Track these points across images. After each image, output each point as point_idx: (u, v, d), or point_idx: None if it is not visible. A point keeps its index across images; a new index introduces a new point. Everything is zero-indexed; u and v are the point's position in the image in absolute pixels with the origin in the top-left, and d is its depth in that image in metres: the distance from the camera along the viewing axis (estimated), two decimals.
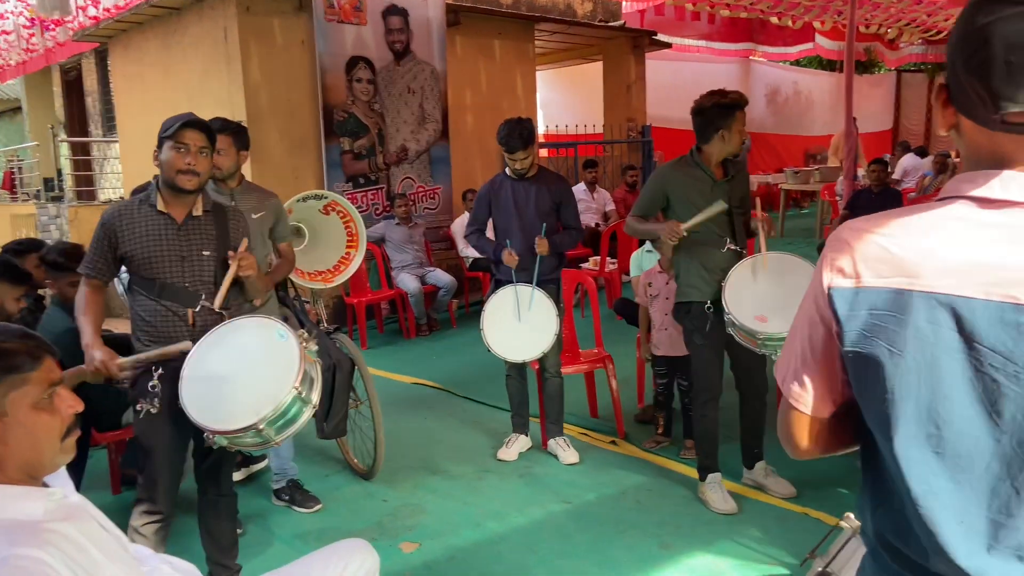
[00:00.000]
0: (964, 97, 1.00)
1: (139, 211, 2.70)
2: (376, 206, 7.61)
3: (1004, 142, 0.99)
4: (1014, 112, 0.95)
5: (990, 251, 0.97)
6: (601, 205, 8.93)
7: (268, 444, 2.57)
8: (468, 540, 3.38)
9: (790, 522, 3.39)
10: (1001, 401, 0.96)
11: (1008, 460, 0.97)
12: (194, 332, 2.67)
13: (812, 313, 1.11)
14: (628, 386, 4.84)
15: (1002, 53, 0.93)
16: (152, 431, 2.65)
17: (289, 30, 7.02)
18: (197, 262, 2.70)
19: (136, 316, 2.72)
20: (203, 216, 2.74)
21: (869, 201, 7.43)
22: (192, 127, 2.63)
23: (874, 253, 1.03)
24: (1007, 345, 0.95)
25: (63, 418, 1.39)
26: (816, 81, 17.06)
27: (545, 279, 4.09)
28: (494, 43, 8.78)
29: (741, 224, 3.56)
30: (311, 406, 2.58)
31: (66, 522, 1.32)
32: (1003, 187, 0.98)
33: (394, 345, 6.92)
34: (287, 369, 2.50)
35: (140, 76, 8.30)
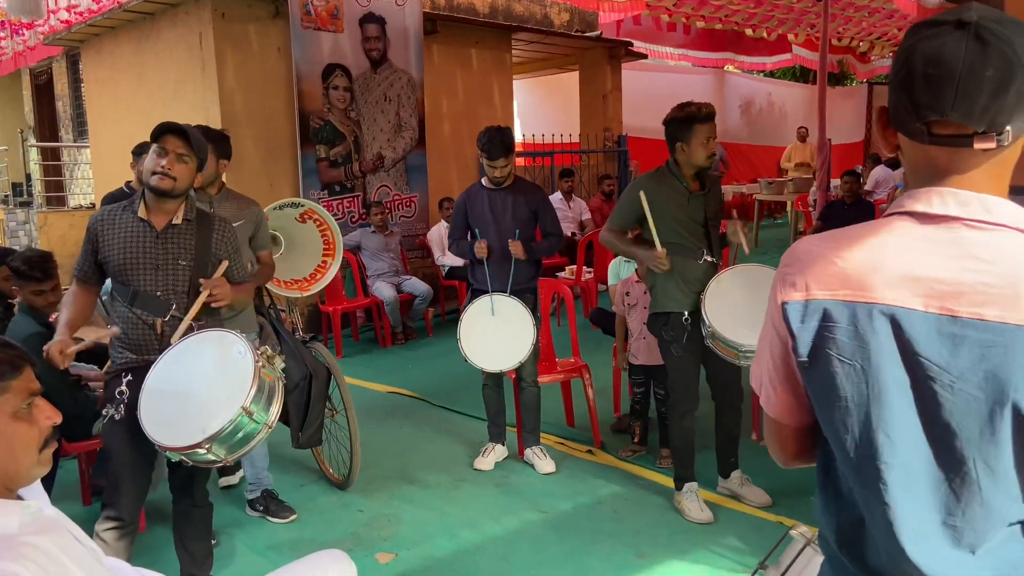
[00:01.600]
0: (897, 114, 1.06)
1: (121, 217, 2.70)
2: (352, 214, 7.58)
3: (937, 155, 1.04)
4: (935, 122, 1.01)
5: (929, 265, 1.01)
6: (577, 214, 8.97)
7: (220, 462, 2.52)
8: (444, 550, 3.37)
9: (765, 530, 3.41)
10: (937, 409, 0.99)
11: (945, 464, 1.00)
12: (163, 342, 2.65)
13: (771, 327, 1.15)
14: (604, 395, 4.85)
15: (921, 67, 1.00)
16: (116, 437, 2.63)
17: (265, 37, 6.98)
18: (172, 271, 2.68)
19: (114, 321, 2.73)
20: (183, 224, 2.72)
21: (842, 212, 7.53)
22: (173, 133, 2.63)
23: (822, 267, 1.07)
24: (943, 356, 0.99)
25: (41, 429, 1.37)
26: (790, 92, 17.28)
27: (522, 288, 4.10)
28: (471, 52, 8.79)
29: (717, 237, 3.60)
30: (266, 426, 2.52)
31: (41, 535, 1.30)
32: (942, 203, 1.03)
33: (370, 354, 6.88)
34: (240, 388, 2.44)
35: (113, 81, 8.21)
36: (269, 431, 2.54)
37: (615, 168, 10.74)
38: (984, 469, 0.98)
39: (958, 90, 0.97)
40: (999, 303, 0.96)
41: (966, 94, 0.97)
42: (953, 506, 1.00)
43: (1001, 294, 0.96)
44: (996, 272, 0.97)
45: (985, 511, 0.99)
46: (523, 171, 9.95)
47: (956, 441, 0.99)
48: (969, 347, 0.97)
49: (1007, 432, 0.97)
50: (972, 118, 0.98)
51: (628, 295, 4.34)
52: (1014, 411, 0.96)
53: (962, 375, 0.98)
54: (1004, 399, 0.96)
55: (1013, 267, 0.97)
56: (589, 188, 10.26)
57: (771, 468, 3.85)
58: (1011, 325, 0.95)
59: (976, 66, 0.96)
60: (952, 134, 1.01)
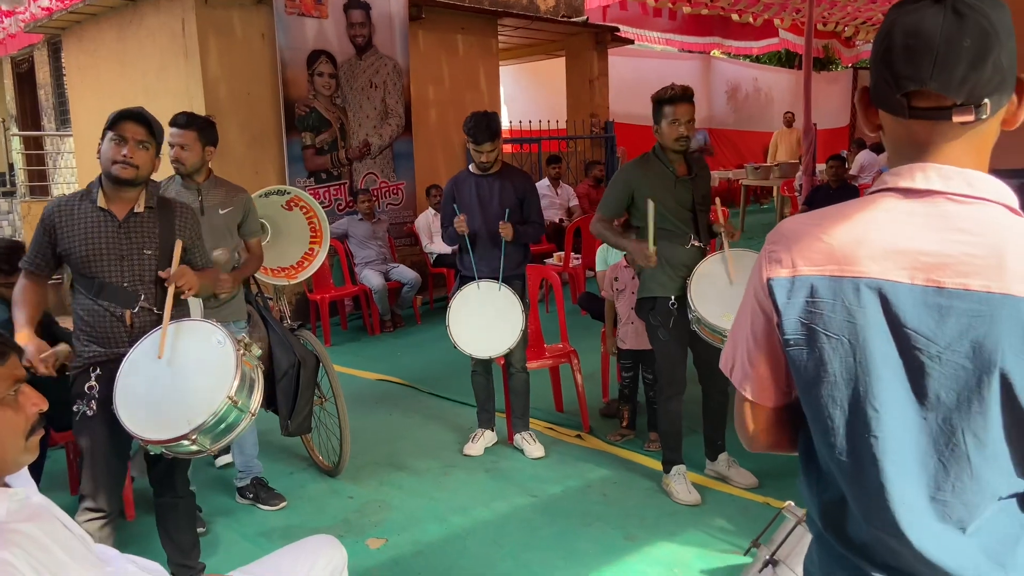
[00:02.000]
0: (878, 90, 1.08)
1: (79, 207, 2.62)
2: (339, 201, 7.55)
3: (918, 130, 1.06)
4: (915, 94, 1.02)
5: (914, 238, 1.02)
6: (565, 200, 8.97)
7: (204, 453, 2.50)
8: (434, 535, 3.39)
9: (752, 511, 3.45)
10: (925, 381, 1.01)
11: (934, 437, 1.01)
12: (132, 334, 2.60)
13: (753, 305, 1.15)
14: (593, 380, 4.87)
15: (901, 39, 1.02)
16: (89, 433, 2.59)
17: (249, 23, 6.91)
18: (137, 261, 2.62)
19: (77, 316, 2.65)
20: (145, 212, 2.66)
21: (827, 197, 7.56)
22: (131, 119, 2.55)
23: (808, 244, 1.08)
24: (930, 327, 1.00)
25: (27, 416, 1.36)
26: (776, 78, 17.32)
27: (510, 275, 4.10)
28: (457, 38, 8.75)
29: (705, 221, 3.61)
30: (249, 414, 2.51)
31: (29, 523, 1.29)
32: (925, 178, 1.04)
33: (358, 342, 6.87)
34: (223, 378, 2.42)
35: (95, 68, 8.11)
36: (252, 419, 2.53)
37: (602, 154, 10.74)
38: (973, 440, 0.99)
39: (936, 60, 0.99)
40: (983, 273, 0.98)
41: (944, 64, 0.99)
42: (943, 480, 1.01)
43: (985, 264, 0.98)
44: (980, 243, 0.99)
45: (976, 484, 1.00)
46: (510, 158, 9.94)
47: (945, 412, 1.00)
48: (956, 317, 0.98)
49: (995, 401, 0.98)
50: (951, 88, 1.00)
51: (616, 280, 4.36)
52: (1001, 380, 0.97)
53: (949, 345, 0.99)
54: (991, 368, 0.97)
55: (996, 238, 0.99)
56: (576, 174, 10.26)
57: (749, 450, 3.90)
58: (996, 294, 0.97)
59: (953, 37, 0.98)
60: (931, 107, 1.03)
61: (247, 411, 2.49)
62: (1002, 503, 1.02)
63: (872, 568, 1.08)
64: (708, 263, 3.44)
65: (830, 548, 1.14)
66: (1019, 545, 1.02)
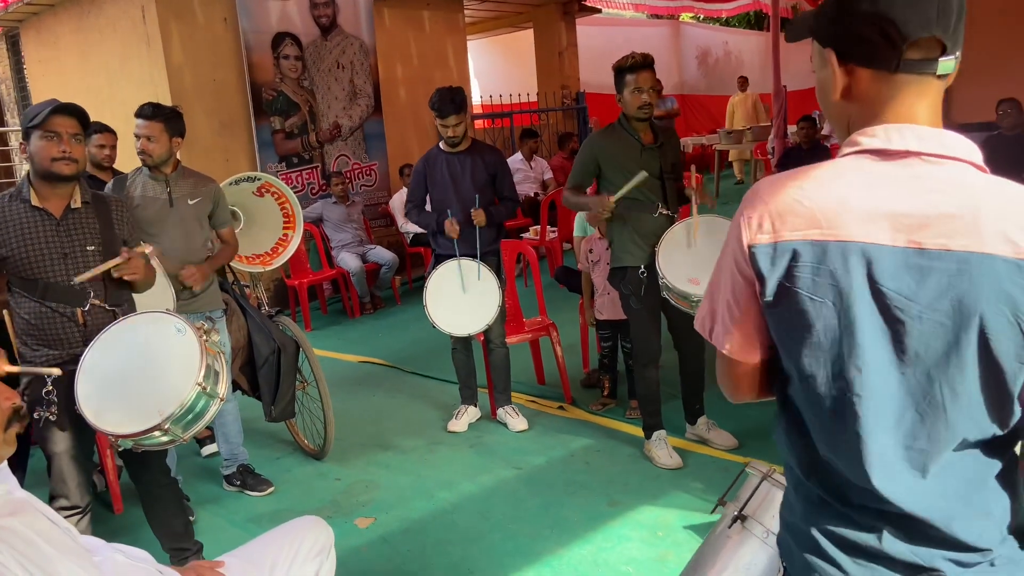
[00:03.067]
0: (862, 47, 1.08)
1: (10, 208, 2.55)
2: (312, 185, 7.51)
3: (900, 85, 1.07)
4: (910, 45, 1.04)
5: (892, 200, 1.04)
6: (539, 174, 8.97)
7: (176, 442, 2.51)
8: (422, 511, 3.43)
9: (732, 471, 3.50)
10: (906, 339, 1.04)
11: (912, 391, 1.06)
12: (86, 332, 2.57)
13: (732, 269, 1.15)
14: (573, 352, 4.92)
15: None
16: (54, 437, 2.56)
17: (210, 7, 6.81)
18: (81, 258, 2.58)
19: (19, 319, 2.60)
20: (83, 208, 2.62)
21: (799, 158, 7.62)
22: (62, 113, 2.49)
23: (788, 208, 1.09)
24: (911, 287, 1.03)
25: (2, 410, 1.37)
26: (746, 41, 17.29)
27: (485, 251, 4.12)
28: (423, 14, 8.67)
29: (673, 189, 3.63)
30: (218, 399, 2.52)
31: (12, 517, 1.31)
32: (901, 138, 1.06)
33: (339, 325, 6.88)
34: (188, 365, 2.42)
35: (56, 61, 7.97)
36: (221, 404, 2.53)
37: (575, 125, 10.72)
38: (950, 392, 1.03)
39: (939, 7, 1.02)
40: (963, 233, 1.00)
41: (945, 11, 1.03)
42: (919, 430, 1.06)
43: (964, 224, 1.00)
44: (957, 204, 1.01)
45: (949, 432, 1.05)
46: (483, 133, 9.91)
47: (924, 366, 1.04)
48: (936, 277, 1.01)
49: (972, 355, 1.02)
50: (948, 34, 1.04)
51: (591, 252, 4.39)
52: (979, 335, 1.01)
53: (930, 304, 1.02)
54: (970, 324, 1.01)
55: (972, 198, 1.01)
56: (550, 147, 10.24)
57: (736, 412, 3.97)
58: (975, 253, 1.00)
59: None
60: (922, 58, 1.05)
61: (216, 396, 2.49)
62: (969, 449, 1.07)
63: (850, 510, 1.13)
64: (676, 230, 3.47)
65: (809, 494, 1.19)
66: (985, 486, 1.08)
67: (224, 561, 1.85)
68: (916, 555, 1.09)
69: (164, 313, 2.57)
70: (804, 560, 1.18)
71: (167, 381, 2.43)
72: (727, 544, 1.87)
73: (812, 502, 1.19)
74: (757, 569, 1.82)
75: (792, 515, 1.24)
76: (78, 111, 2.55)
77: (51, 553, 1.32)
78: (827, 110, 1.17)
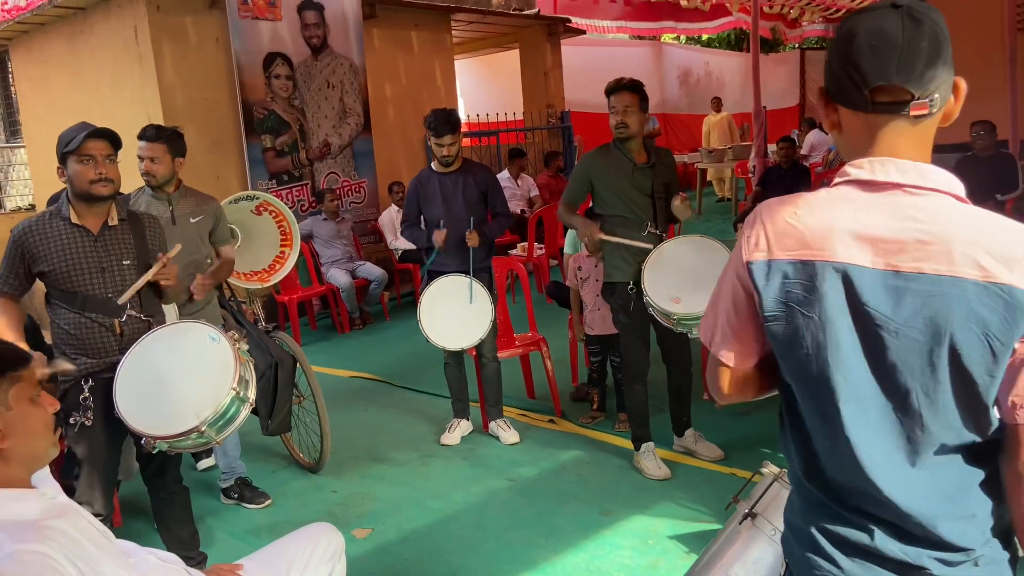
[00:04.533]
0: (841, 88, 1.20)
1: (51, 225, 2.69)
2: (302, 202, 7.59)
3: (877, 124, 1.19)
4: (878, 89, 1.15)
5: (874, 226, 1.16)
6: (526, 191, 9.11)
7: (209, 444, 2.65)
8: (418, 522, 3.51)
9: (719, 482, 3.63)
10: (885, 352, 1.16)
11: (891, 398, 1.17)
12: (122, 341, 2.71)
13: (734, 282, 1.29)
14: (563, 366, 5.02)
15: (866, 41, 1.15)
16: (88, 442, 2.69)
17: (202, 28, 6.91)
18: (118, 272, 2.73)
19: (59, 329, 2.73)
20: (119, 225, 2.77)
21: (780, 177, 7.81)
22: (95, 137, 2.64)
23: (782, 230, 1.22)
24: (888, 306, 1.15)
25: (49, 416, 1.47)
26: (726, 61, 17.61)
27: (477, 268, 4.22)
28: (411, 34, 8.81)
29: (664, 209, 3.73)
30: (248, 404, 2.68)
31: (60, 519, 1.40)
32: (884, 171, 1.18)
33: (328, 340, 6.94)
34: (223, 371, 2.59)
35: (45, 79, 8.02)
36: (250, 407, 2.68)
37: (560, 144, 10.89)
38: (925, 400, 1.15)
39: (900, 58, 1.12)
40: (935, 258, 1.12)
41: (908, 62, 1.12)
42: (899, 434, 1.17)
43: (936, 250, 1.12)
44: (931, 231, 1.13)
45: (927, 437, 1.16)
46: (470, 151, 10.03)
47: (901, 377, 1.15)
48: (911, 297, 1.13)
49: (945, 369, 1.13)
50: (911, 83, 1.13)
51: (580, 269, 4.50)
52: (950, 349, 1.12)
53: (906, 322, 1.14)
54: (942, 340, 1.12)
55: (946, 225, 1.13)
56: (536, 165, 10.39)
57: (721, 424, 4.09)
58: (946, 276, 1.11)
59: (914, 39, 1.13)
60: (892, 101, 1.16)
61: (247, 400, 2.65)
62: (951, 454, 1.17)
63: (846, 511, 1.23)
64: (663, 248, 3.58)
65: (809, 495, 1.29)
66: (970, 489, 1.18)
67: (243, 564, 1.94)
68: (906, 554, 1.19)
69: (198, 323, 2.73)
70: (804, 557, 1.29)
71: (203, 386, 2.57)
72: (737, 540, 1.99)
73: (811, 502, 1.30)
74: (764, 564, 1.93)
75: (793, 514, 1.35)
76: (109, 134, 2.69)
77: (95, 553, 1.41)
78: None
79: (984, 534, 1.18)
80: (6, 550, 1.25)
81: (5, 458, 1.39)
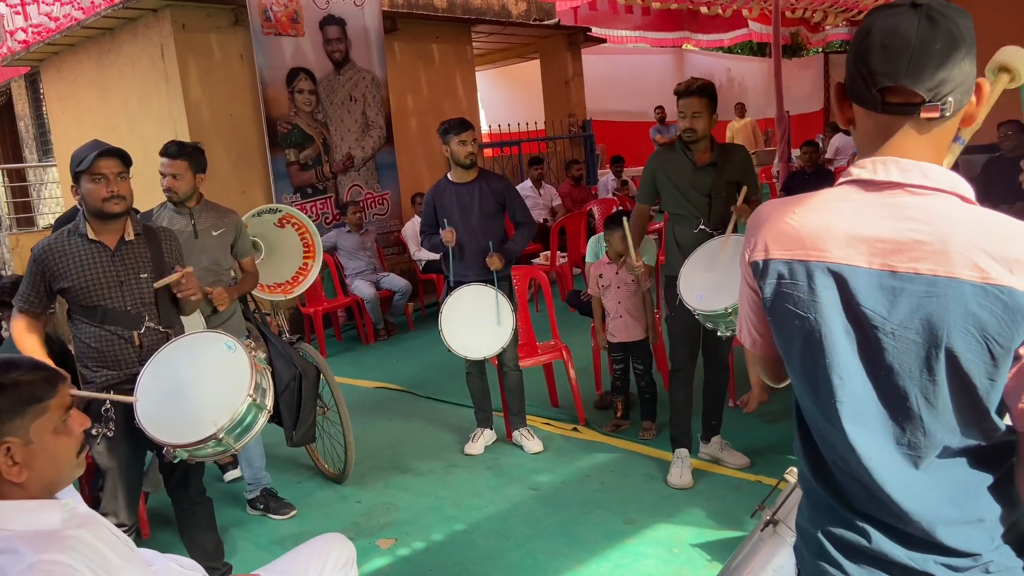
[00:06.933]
0: (854, 85, 1.18)
1: (70, 243, 2.75)
2: (326, 215, 7.66)
3: (888, 124, 1.17)
4: (888, 89, 1.13)
5: (872, 226, 1.15)
6: (548, 201, 9.10)
7: (228, 452, 2.68)
8: (442, 532, 3.51)
9: (745, 489, 3.59)
10: (882, 353, 1.14)
11: (889, 400, 1.16)
12: (142, 353, 2.76)
13: (743, 282, 1.31)
14: (586, 374, 5.01)
15: (879, 39, 1.13)
16: (111, 453, 2.73)
17: (227, 45, 7.02)
18: (136, 285, 2.78)
19: (81, 343, 2.79)
20: (135, 240, 2.82)
21: (804, 181, 7.73)
22: (105, 156, 2.68)
23: (780, 229, 1.22)
24: (884, 307, 1.13)
25: (77, 437, 1.49)
26: (748, 67, 17.53)
27: (498, 277, 4.22)
28: (432, 47, 8.88)
29: (720, 208, 3.61)
30: (266, 411, 2.72)
31: (81, 529, 1.42)
32: (885, 170, 1.16)
33: (354, 352, 6.99)
34: (240, 378, 2.63)
35: (75, 98, 8.19)
36: (268, 415, 2.72)
37: (582, 153, 10.89)
38: (924, 403, 1.13)
39: (911, 59, 1.10)
40: (931, 258, 1.10)
41: (918, 63, 1.10)
42: (900, 436, 1.15)
43: (933, 250, 1.10)
44: (929, 231, 1.11)
45: (929, 440, 1.14)
46: (491, 161, 10.08)
47: (899, 380, 1.13)
48: (907, 298, 1.11)
49: (942, 371, 1.11)
50: (921, 85, 1.10)
51: (601, 277, 4.49)
52: (947, 352, 1.10)
53: (902, 323, 1.12)
54: (939, 342, 1.10)
55: (943, 226, 1.11)
56: (558, 174, 10.40)
57: (748, 432, 4.05)
58: (942, 277, 1.09)
59: (927, 40, 1.10)
60: (902, 102, 1.13)
61: (264, 408, 2.69)
62: (955, 457, 1.15)
63: (852, 514, 1.22)
64: (708, 246, 3.53)
65: (818, 499, 1.28)
66: (978, 494, 1.15)
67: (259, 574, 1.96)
68: (911, 559, 1.17)
69: (214, 332, 2.77)
70: (812, 563, 1.27)
71: (220, 394, 2.61)
72: (761, 548, 1.97)
73: (820, 507, 1.28)
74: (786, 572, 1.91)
75: (803, 519, 1.34)
76: (119, 152, 2.74)
77: (116, 561, 1.43)
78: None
79: (993, 540, 1.16)
80: (28, 560, 1.27)
81: (24, 487, 1.41)
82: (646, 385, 4.37)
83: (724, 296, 3.19)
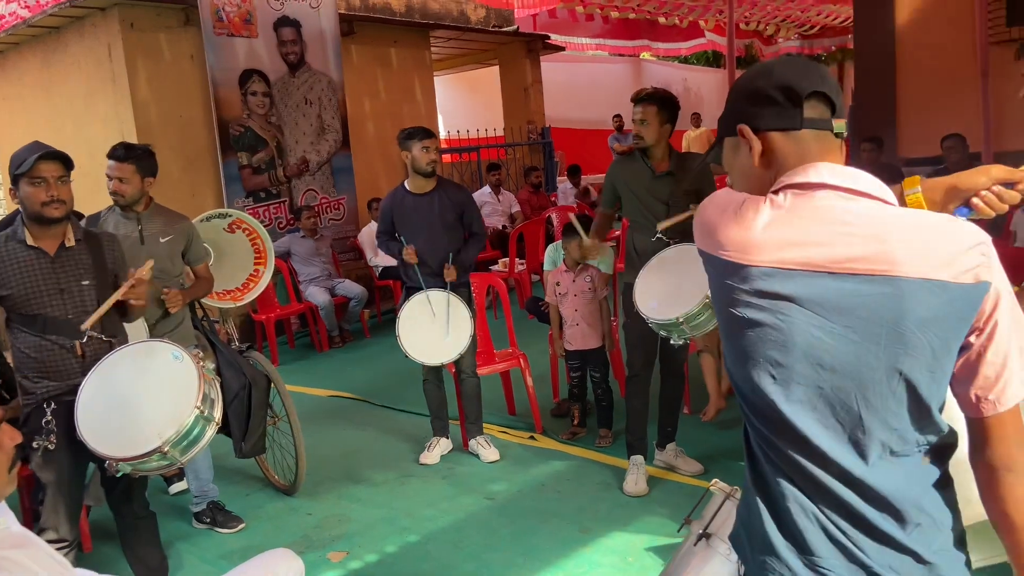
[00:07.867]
0: (769, 113, 1.23)
1: (7, 248, 2.64)
2: (279, 220, 7.53)
3: (808, 140, 1.23)
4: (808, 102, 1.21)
5: (807, 231, 1.17)
6: (507, 207, 9.09)
7: (173, 466, 2.58)
8: (395, 543, 3.45)
9: (698, 498, 3.58)
10: (820, 353, 1.16)
11: (830, 400, 1.17)
12: (84, 363, 2.66)
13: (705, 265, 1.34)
14: (543, 382, 4.98)
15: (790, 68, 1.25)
16: (51, 466, 2.63)
17: (177, 45, 6.87)
18: (77, 293, 2.68)
19: (20, 353, 2.68)
20: (76, 246, 2.72)
21: None
22: (46, 159, 2.59)
23: (720, 232, 1.24)
24: (824, 308, 1.15)
25: (7, 451, 1.41)
26: (704, 77, 17.76)
27: (456, 284, 4.18)
28: (390, 51, 8.81)
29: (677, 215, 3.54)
30: (214, 423, 2.63)
31: (14, 549, 1.35)
32: (817, 173, 1.20)
33: (307, 359, 6.87)
34: (187, 389, 2.54)
35: (20, 99, 7.94)
36: (216, 427, 2.63)
37: (540, 159, 10.90)
38: (863, 403, 1.15)
39: (821, 75, 1.23)
40: (868, 259, 1.13)
41: (827, 80, 1.23)
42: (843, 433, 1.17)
43: (868, 251, 1.13)
44: (865, 232, 1.14)
45: (868, 439, 1.16)
46: (450, 167, 10.03)
47: (839, 379, 1.16)
48: (846, 298, 1.14)
49: (883, 370, 1.14)
50: (833, 95, 1.22)
51: (559, 285, 4.47)
52: (888, 351, 1.12)
53: (841, 322, 1.14)
54: (879, 340, 1.13)
55: (875, 228, 1.14)
56: (517, 181, 10.39)
57: (703, 439, 4.06)
58: (878, 276, 1.12)
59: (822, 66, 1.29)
60: (819, 117, 1.22)
61: (212, 420, 2.60)
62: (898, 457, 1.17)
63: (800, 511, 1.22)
64: (659, 257, 3.53)
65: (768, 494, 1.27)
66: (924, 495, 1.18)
67: None
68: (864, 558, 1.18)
69: (160, 342, 2.66)
70: (758, 560, 1.27)
71: (166, 406, 2.51)
72: (692, 561, 1.94)
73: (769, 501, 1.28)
74: None
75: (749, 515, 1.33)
76: (61, 156, 2.63)
77: None
78: (750, 186, 1.29)
79: (937, 538, 1.18)
80: None
81: None
82: (603, 392, 4.36)
83: (677, 305, 3.18)
